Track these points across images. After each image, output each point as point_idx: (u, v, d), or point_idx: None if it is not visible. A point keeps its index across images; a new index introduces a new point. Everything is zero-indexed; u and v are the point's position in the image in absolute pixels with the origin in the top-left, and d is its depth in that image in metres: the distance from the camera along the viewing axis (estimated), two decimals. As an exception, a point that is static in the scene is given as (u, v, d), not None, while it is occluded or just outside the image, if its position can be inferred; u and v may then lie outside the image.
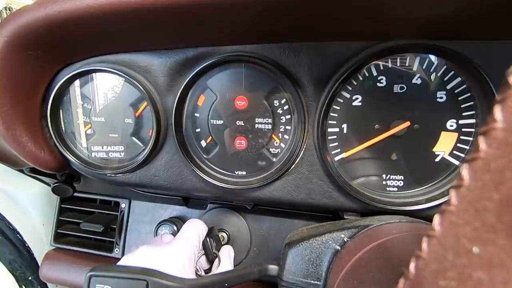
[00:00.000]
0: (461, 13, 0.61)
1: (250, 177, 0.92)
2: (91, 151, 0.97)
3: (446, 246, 0.24)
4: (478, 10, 0.59)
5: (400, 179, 0.85)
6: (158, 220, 1.15)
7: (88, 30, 0.74)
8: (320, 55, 0.80)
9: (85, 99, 0.93)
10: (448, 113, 0.79)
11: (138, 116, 0.93)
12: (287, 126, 0.88)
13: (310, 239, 0.67)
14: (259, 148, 0.90)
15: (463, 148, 0.80)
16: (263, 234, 1.11)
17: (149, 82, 0.88)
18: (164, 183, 0.96)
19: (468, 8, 0.58)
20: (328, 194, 0.86)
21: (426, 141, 0.81)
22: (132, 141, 0.95)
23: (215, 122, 0.90)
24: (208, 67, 0.84)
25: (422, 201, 0.81)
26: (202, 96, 0.90)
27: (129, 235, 1.24)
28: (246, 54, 0.82)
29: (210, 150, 0.93)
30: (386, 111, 0.81)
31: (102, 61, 0.89)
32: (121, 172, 0.94)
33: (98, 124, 0.95)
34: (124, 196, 1.25)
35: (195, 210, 1.19)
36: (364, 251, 0.57)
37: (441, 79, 0.78)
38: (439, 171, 0.82)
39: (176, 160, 0.93)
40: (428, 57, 0.78)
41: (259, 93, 0.87)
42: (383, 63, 0.80)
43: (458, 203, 0.24)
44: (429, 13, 0.61)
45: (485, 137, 0.22)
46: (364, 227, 0.66)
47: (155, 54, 0.86)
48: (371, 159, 0.85)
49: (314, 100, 0.83)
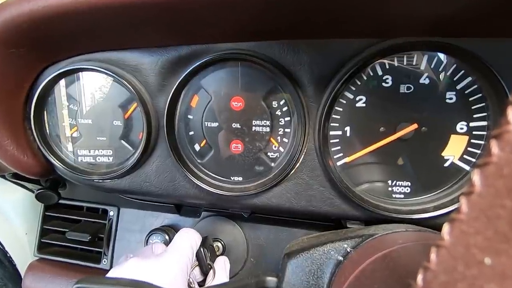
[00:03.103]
0: (471, 9, 0.61)
1: (246, 183, 0.91)
2: (78, 155, 0.97)
3: (456, 257, 0.24)
4: (490, 5, 0.59)
5: (406, 185, 0.84)
6: (148, 229, 1.15)
7: (75, 27, 0.74)
8: (321, 53, 0.79)
9: (71, 99, 0.93)
10: (458, 115, 0.79)
11: (128, 118, 0.93)
12: (286, 129, 0.88)
13: (310, 249, 0.66)
14: (256, 152, 0.89)
15: (474, 152, 0.80)
16: (261, 243, 1.10)
17: (139, 81, 0.88)
18: (155, 189, 0.95)
19: (479, 3, 0.58)
20: (330, 201, 0.86)
21: (435, 144, 0.81)
22: (121, 144, 0.95)
23: (209, 125, 0.90)
24: (202, 66, 0.84)
25: (430, 209, 0.80)
26: (196, 97, 0.89)
27: (117, 245, 1.23)
28: (243, 52, 0.82)
29: (204, 154, 0.93)
30: (392, 113, 0.81)
31: (89, 59, 0.89)
32: (110, 177, 0.94)
33: (85, 127, 0.94)
34: (112, 204, 1.25)
35: (188, 218, 1.18)
36: (368, 262, 0.57)
37: (451, 79, 0.78)
38: (449, 176, 0.82)
39: (168, 165, 0.93)
40: (436, 55, 0.78)
41: (256, 93, 0.86)
42: (389, 62, 0.79)
43: (469, 210, 0.23)
44: (438, 8, 0.61)
45: (497, 140, 0.22)
46: (368, 237, 0.66)
47: (146, 52, 0.86)
48: (376, 164, 0.85)
49: (315, 101, 0.82)
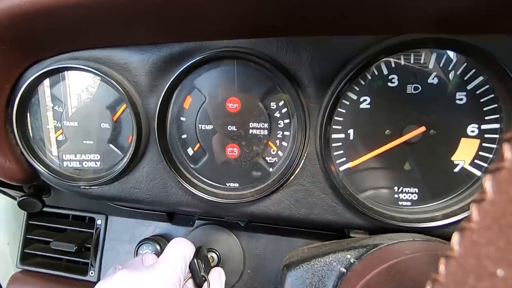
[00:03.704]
0: (484, 3, 0.60)
1: (243, 190, 0.91)
2: (63, 160, 0.96)
3: (467, 268, 0.24)
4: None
5: (414, 192, 0.84)
6: (139, 239, 1.14)
7: (59, 23, 0.73)
8: (323, 50, 0.79)
9: (55, 101, 0.93)
10: (469, 117, 0.79)
11: (116, 121, 0.93)
12: (285, 132, 0.87)
13: (311, 260, 0.67)
14: (253, 157, 0.89)
15: (485, 157, 0.80)
16: (258, 254, 1.10)
17: (129, 81, 0.88)
18: (146, 196, 0.95)
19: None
20: (332, 209, 0.86)
21: (444, 148, 0.81)
22: (109, 148, 0.94)
23: (203, 127, 0.90)
24: (196, 64, 0.84)
25: (439, 217, 0.80)
26: (189, 98, 0.89)
27: (105, 256, 1.23)
28: (239, 49, 0.82)
29: (198, 159, 0.92)
30: (398, 115, 0.81)
31: (75, 57, 0.88)
32: (97, 184, 0.94)
33: (71, 130, 0.94)
34: (100, 212, 1.24)
35: (181, 227, 1.18)
36: (373, 274, 0.57)
37: (461, 78, 0.78)
38: (458, 182, 0.82)
39: (159, 170, 0.93)
40: (446, 53, 0.78)
41: (253, 94, 0.86)
42: (395, 60, 0.79)
43: (480, 219, 0.23)
44: (449, 2, 0.61)
45: (510, 144, 0.22)
46: (373, 247, 0.66)
47: (136, 50, 0.86)
48: (381, 169, 0.84)
49: (316, 102, 0.82)
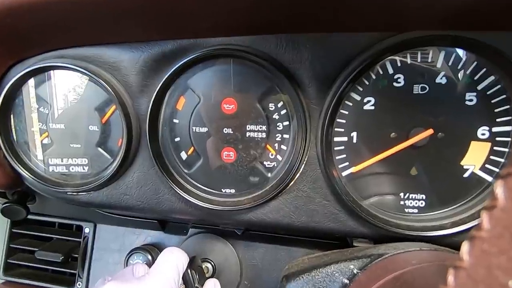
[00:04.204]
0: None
1: (240, 196, 0.91)
2: (49, 165, 0.96)
3: (477, 280, 0.24)
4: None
5: (421, 199, 0.84)
6: (129, 248, 1.14)
7: (44, 19, 0.73)
8: (324, 48, 0.79)
9: (41, 102, 0.92)
10: (479, 119, 0.78)
11: (105, 123, 0.93)
12: (284, 135, 0.87)
13: (312, 271, 0.66)
14: (250, 161, 0.89)
15: (497, 161, 0.80)
16: (256, 264, 1.10)
17: (118, 81, 0.88)
18: (137, 203, 0.95)
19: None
20: (334, 217, 0.85)
21: (453, 152, 0.80)
22: (97, 152, 0.94)
23: (197, 130, 0.90)
24: (190, 63, 0.84)
25: (448, 225, 0.80)
26: (182, 99, 0.89)
27: (94, 266, 1.22)
28: (235, 47, 0.81)
29: (192, 164, 0.92)
30: (404, 117, 0.81)
31: (61, 56, 0.88)
32: (85, 190, 0.93)
33: (57, 132, 0.94)
34: (88, 219, 1.24)
35: (174, 236, 1.18)
36: (377, 285, 0.56)
37: (471, 78, 0.78)
38: (468, 188, 0.82)
39: (151, 176, 0.92)
40: (455, 52, 0.77)
41: (251, 94, 0.86)
42: (401, 59, 0.79)
43: (491, 227, 0.23)
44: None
45: None
46: (377, 257, 0.66)
47: (126, 48, 0.86)
48: (386, 175, 0.84)
49: (317, 103, 0.82)
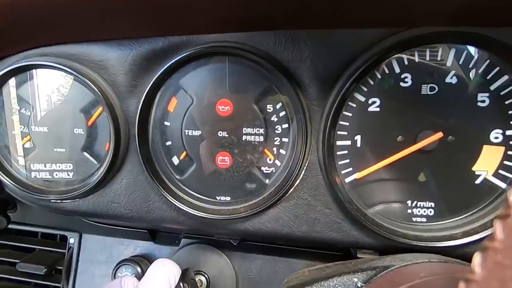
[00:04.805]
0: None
1: (236, 204, 0.90)
2: (31, 171, 0.96)
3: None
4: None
5: (429, 207, 0.83)
6: (117, 260, 1.14)
7: (26, 14, 0.72)
8: (326, 46, 0.79)
9: (22, 103, 0.92)
10: (492, 122, 0.78)
11: (91, 125, 0.92)
12: (283, 138, 0.87)
13: (313, 285, 0.66)
14: (247, 167, 0.89)
15: (511, 167, 0.79)
16: (253, 277, 1.09)
17: (105, 81, 0.87)
18: (125, 211, 0.94)
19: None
20: (336, 226, 0.85)
21: (464, 157, 0.80)
22: (83, 157, 0.94)
23: (190, 133, 0.89)
24: (182, 62, 0.83)
25: (458, 235, 0.80)
26: (174, 100, 0.89)
27: (79, 279, 1.22)
28: (231, 45, 0.81)
29: (184, 169, 0.92)
30: (411, 119, 0.80)
31: (44, 54, 0.88)
32: (70, 197, 0.93)
33: (40, 136, 0.93)
34: (73, 229, 1.24)
35: (165, 247, 1.18)
36: None
37: (483, 78, 0.77)
38: (480, 196, 0.81)
39: (141, 182, 0.92)
40: (466, 49, 0.77)
41: (247, 95, 0.86)
42: (408, 57, 0.79)
43: (505, 237, 0.23)
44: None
45: None
46: (383, 269, 0.65)
47: (113, 45, 0.85)
48: (392, 181, 0.84)
49: (319, 104, 0.82)
